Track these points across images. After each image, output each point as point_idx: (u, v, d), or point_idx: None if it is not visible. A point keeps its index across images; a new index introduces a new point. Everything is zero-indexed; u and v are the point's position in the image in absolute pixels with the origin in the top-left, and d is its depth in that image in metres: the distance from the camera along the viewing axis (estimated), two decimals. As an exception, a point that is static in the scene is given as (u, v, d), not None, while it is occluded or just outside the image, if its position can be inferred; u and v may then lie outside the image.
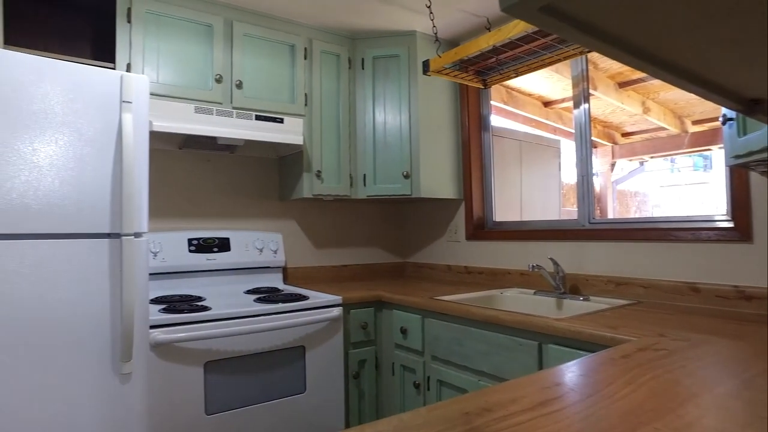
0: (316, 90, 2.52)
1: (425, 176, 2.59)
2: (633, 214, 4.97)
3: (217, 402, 1.84)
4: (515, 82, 3.68)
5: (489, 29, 2.46)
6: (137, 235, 1.60)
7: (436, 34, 2.16)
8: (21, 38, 2.04)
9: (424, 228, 3.08)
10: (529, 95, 3.96)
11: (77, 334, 1.48)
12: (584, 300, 2.04)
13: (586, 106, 2.30)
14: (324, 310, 2.10)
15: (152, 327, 1.72)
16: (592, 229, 2.17)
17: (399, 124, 2.60)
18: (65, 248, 1.48)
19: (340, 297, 2.18)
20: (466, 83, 2.25)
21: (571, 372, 1.00)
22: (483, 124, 2.80)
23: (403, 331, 2.16)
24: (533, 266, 2.14)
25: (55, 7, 2.17)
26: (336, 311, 2.12)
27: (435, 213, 2.99)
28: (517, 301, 2.28)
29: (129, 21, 2.05)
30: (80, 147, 1.52)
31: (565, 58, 2.02)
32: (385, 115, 2.62)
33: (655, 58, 0.39)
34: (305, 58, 2.50)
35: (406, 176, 2.56)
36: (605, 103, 3.77)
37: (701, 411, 0.77)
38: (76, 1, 2.17)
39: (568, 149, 3.94)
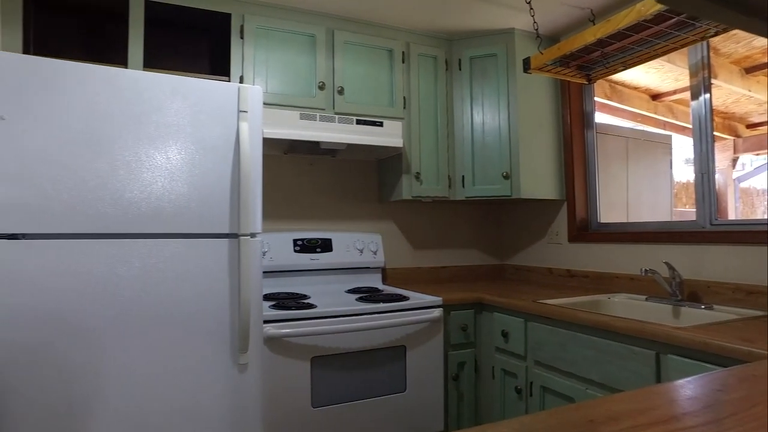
0: (414, 93, 2.55)
1: (525, 176, 2.52)
2: (761, 214, 4.45)
3: (322, 396, 1.92)
4: (619, 76, 3.45)
5: (593, 21, 2.34)
6: (252, 235, 1.72)
7: (537, 30, 2.09)
8: (154, 60, 2.29)
9: (523, 229, 2.99)
10: (635, 89, 3.70)
11: (203, 325, 1.62)
12: (707, 308, 1.87)
13: (707, 96, 2.11)
14: (425, 311, 2.12)
15: (264, 322, 1.83)
16: (715, 231, 1.98)
17: (498, 124, 2.55)
18: (193, 247, 1.63)
19: (441, 298, 2.18)
20: (568, 79, 2.15)
21: (703, 386, 0.92)
22: (586, 121, 2.67)
23: (505, 335, 2.11)
24: (645, 270, 2.00)
25: (180, 30, 2.40)
26: (437, 312, 2.13)
27: (535, 214, 2.90)
28: (627, 307, 2.14)
29: (242, 37, 2.21)
30: (203, 154, 1.66)
31: (682, 46, 1.86)
32: (483, 116, 2.58)
33: None
34: (403, 62, 2.54)
35: (506, 177, 2.50)
36: (727, 92, 3.42)
37: None
38: (196, 24, 2.38)
39: (680, 145, 3.63)
